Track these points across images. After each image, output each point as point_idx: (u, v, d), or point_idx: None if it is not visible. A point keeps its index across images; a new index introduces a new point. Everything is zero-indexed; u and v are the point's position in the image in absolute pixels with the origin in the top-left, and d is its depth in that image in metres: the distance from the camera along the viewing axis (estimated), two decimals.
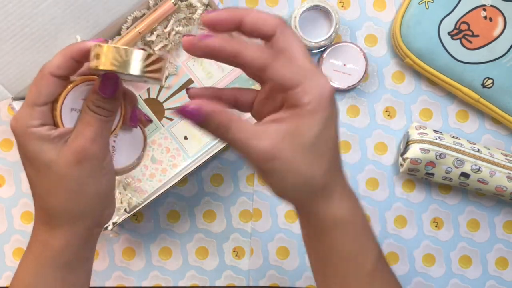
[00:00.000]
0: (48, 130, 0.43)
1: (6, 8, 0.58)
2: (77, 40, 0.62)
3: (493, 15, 0.66)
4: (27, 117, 0.43)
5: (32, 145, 0.43)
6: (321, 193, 0.42)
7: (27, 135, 0.43)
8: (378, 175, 0.71)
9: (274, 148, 0.39)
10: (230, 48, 0.40)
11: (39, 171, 0.44)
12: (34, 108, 0.43)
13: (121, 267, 0.71)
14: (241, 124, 0.40)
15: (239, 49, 0.39)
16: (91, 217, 0.45)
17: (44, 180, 0.44)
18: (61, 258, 0.45)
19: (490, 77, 0.67)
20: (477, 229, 0.72)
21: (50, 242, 0.45)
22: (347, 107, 0.71)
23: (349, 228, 0.43)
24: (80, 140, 0.42)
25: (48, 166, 0.43)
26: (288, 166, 0.40)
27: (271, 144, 0.39)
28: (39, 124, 0.43)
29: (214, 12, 0.41)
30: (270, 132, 0.40)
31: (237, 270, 0.71)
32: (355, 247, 0.44)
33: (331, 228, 0.43)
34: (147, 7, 0.65)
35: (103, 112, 0.43)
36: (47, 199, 0.44)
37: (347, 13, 0.70)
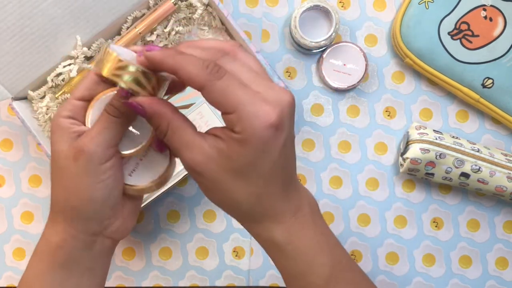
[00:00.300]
0: (72, 124, 0.44)
1: (6, 8, 0.58)
2: (77, 40, 0.62)
3: (493, 15, 0.66)
4: (62, 107, 0.44)
5: (55, 134, 0.44)
6: (249, 217, 0.43)
7: (55, 125, 0.44)
8: (378, 175, 0.71)
9: (202, 164, 0.40)
10: (171, 63, 0.39)
11: (53, 160, 0.45)
12: (70, 101, 0.44)
13: (121, 267, 0.71)
14: (179, 132, 0.40)
15: (179, 66, 0.38)
16: (88, 221, 0.45)
17: (54, 170, 0.45)
18: (57, 256, 0.45)
19: (490, 77, 0.67)
20: (477, 229, 0.72)
21: (50, 238, 0.46)
22: (347, 107, 0.71)
23: (287, 250, 0.43)
24: (83, 137, 0.43)
25: (58, 157, 0.44)
26: (214, 185, 0.41)
27: (201, 160, 0.40)
28: (67, 116, 0.44)
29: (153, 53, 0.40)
30: (204, 147, 0.40)
31: (237, 270, 0.71)
32: (300, 267, 0.44)
33: (269, 249, 0.45)
34: (147, 7, 0.65)
35: (113, 110, 0.42)
36: (54, 188, 0.45)
37: (347, 13, 0.70)
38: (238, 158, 0.39)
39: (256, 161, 0.39)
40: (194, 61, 0.38)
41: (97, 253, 0.47)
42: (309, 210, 0.44)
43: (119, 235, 0.47)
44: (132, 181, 0.47)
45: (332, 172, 0.71)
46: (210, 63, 0.38)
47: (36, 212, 0.70)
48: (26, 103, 0.64)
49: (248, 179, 0.40)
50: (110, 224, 0.46)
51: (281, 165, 0.41)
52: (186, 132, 0.41)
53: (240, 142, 0.38)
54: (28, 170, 0.70)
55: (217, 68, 0.38)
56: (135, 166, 0.47)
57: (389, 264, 0.71)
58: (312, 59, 0.71)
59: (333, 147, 0.71)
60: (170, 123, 0.41)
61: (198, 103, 0.67)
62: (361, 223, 0.71)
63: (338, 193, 0.71)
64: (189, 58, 0.39)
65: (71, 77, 0.64)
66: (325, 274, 0.44)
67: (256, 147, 0.38)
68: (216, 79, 0.38)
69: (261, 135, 0.38)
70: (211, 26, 0.68)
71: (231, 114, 0.38)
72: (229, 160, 0.39)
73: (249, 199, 0.41)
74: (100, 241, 0.46)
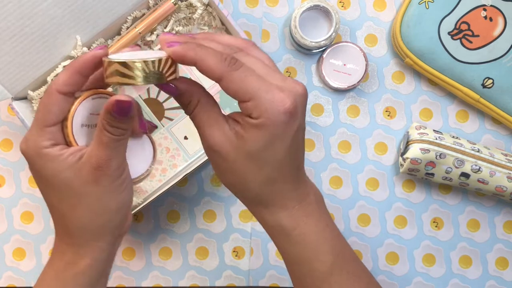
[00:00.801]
0: (60, 150, 0.43)
1: (6, 8, 0.58)
2: (77, 40, 0.62)
3: (493, 15, 0.66)
4: (37, 139, 0.43)
5: (47, 167, 0.42)
6: (258, 201, 0.45)
7: (40, 157, 0.43)
8: (378, 175, 0.71)
9: (220, 143, 0.42)
10: (191, 56, 0.40)
11: (59, 191, 0.43)
12: (44, 129, 0.43)
13: (121, 267, 0.71)
14: (206, 108, 0.42)
15: (199, 58, 0.40)
16: (114, 231, 0.46)
17: (65, 200, 0.44)
18: (86, 276, 0.45)
19: (490, 77, 0.67)
20: (477, 229, 0.72)
21: (76, 261, 0.45)
22: (347, 107, 0.71)
23: (293, 236, 0.45)
24: (97, 159, 0.42)
25: (68, 186, 0.43)
26: (228, 166, 0.43)
27: (220, 140, 0.42)
28: (51, 144, 0.43)
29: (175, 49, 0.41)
30: (225, 128, 0.42)
31: (237, 270, 0.71)
32: (305, 253, 0.45)
33: (275, 235, 0.46)
34: (147, 7, 0.65)
35: (117, 132, 0.42)
36: (69, 218, 0.44)
37: (347, 13, 0.70)
38: (254, 142, 0.41)
39: (271, 146, 0.41)
40: (213, 53, 0.40)
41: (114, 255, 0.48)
42: (314, 199, 0.46)
43: (126, 230, 0.49)
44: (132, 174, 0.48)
45: (332, 172, 0.71)
46: (227, 55, 0.41)
47: (36, 212, 0.70)
48: (26, 103, 0.64)
49: (262, 163, 0.42)
50: (126, 224, 0.48)
51: (293, 152, 0.43)
52: (213, 110, 0.43)
53: (257, 126, 0.40)
54: (28, 170, 0.70)
55: (234, 61, 0.41)
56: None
57: (389, 264, 0.71)
58: (312, 59, 0.71)
59: (333, 147, 0.71)
60: (200, 99, 0.43)
61: None
62: (361, 223, 0.71)
63: (338, 193, 0.71)
64: (209, 50, 0.41)
65: None
66: (329, 262, 0.45)
67: (272, 131, 0.40)
68: (234, 70, 0.40)
69: (276, 120, 0.40)
70: (211, 26, 0.68)
71: (248, 102, 0.40)
72: (246, 143, 0.41)
73: (260, 183, 0.43)
74: (117, 242, 0.48)
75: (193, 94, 0.43)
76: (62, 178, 0.42)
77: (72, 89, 0.43)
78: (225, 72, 0.40)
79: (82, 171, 0.42)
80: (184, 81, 0.43)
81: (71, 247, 0.45)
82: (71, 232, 0.45)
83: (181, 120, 0.66)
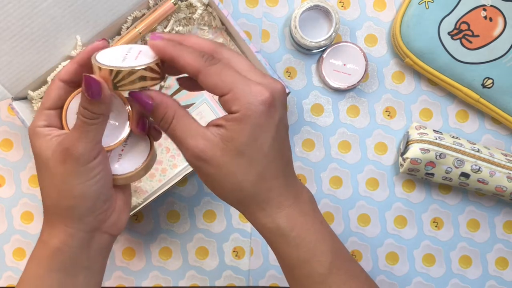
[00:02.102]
0: (49, 130, 0.45)
1: (6, 8, 0.58)
2: (77, 40, 0.62)
3: (493, 15, 0.66)
4: (36, 118, 0.46)
5: (36, 144, 0.45)
6: (253, 202, 0.44)
7: (33, 135, 0.46)
8: (378, 175, 0.71)
9: (206, 150, 0.42)
10: (169, 52, 0.42)
11: (40, 169, 0.46)
12: (42, 111, 0.46)
13: (121, 267, 0.71)
14: (183, 122, 0.43)
15: (176, 55, 0.42)
16: (83, 218, 0.45)
17: (43, 178, 0.46)
18: (56, 259, 0.46)
19: (490, 77, 0.67)
20: (477, 229, 0.72)
21: (48, 241, 0.46)
22: (347, 107, 0.71)
23: (291, 237, 0.44)
24: (67, 140, 0.44)
25: (46, 164, 0.45)
26: (217, 171, 0.42)
27: (205, 146, 0.42)
28: (44, 125, 0.46)
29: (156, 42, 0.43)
30: (207, 134, 0.42)
31: (237, 270, 0.71)
32: (303, 254, 0.45)
33: (271, 236, 0.45)
34: (147, 7, 0.65)
35: (88, 114, 0.43)
36: (44, 196, 0.46)
37: (347, 13, 0.70)
38: (239, 136, 0.41)
39: (255, 139, 0.41)
40: (191, 50, 0.42)
41: (95, 251, 0.48)
42: (308, 197, 0.46)
43: (115, 230, 0.48)
44: (120, 170, 0.48)
45: (332, 172, 0.71)
46: (205, 53, 0.42)
47: (36, 212, 0.70)
48: (26, 103, 0.64)
49: (250, 159, 0.42)
50: (106, 218, 0.47)
51: (279, 145, 0.43)
52: (190, 121, 0.43)
53: (238, 120, 0.41)
54: (28, 170, 0.70)
55: (211, 57, 0.42)
56: (119, 156, 0.49)
57: (389, 264, 0.71)
58: (312, 59, 0.71)
59: (333, 147, 0.71)
60: (176, 111, 0.43)
61: (198, 103, 0.67)
62: (361, 223, 0.71)
63: (338, 193, 0.71)
64: (187, 48, 0.42)
65: None
66: (327, 262, 0.45)
67: (253, 122, 0.41)
68: (211, 64, 0.41)
69: (256, 110, 0.41)
70: (211, 26, 0.68)
71: (227, 94, 0.41)
72: (231, 141, 0.41)
73: (252, 181, 0.43)
74: (97, 237, 0.47)
75: (169, 106, 0.43)
76: (43, 156, 0.45)
77: (71, 78, 0.46)
78: (202, 67, 0.41)
79: (55, 151, 0.44)
80: (159, 94, 0.43)
81: (47, 226, 0.47)
82: (46, 211, 0.47)
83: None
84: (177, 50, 0.42)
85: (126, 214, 0.50)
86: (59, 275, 0.46)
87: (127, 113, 0.47)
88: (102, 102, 0.43)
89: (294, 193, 0.45)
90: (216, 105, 0.67)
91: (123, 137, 0.47)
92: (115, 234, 0.49)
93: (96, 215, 0.46)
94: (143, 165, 0.48)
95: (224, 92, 0.41)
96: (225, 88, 0.41)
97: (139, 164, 0.48)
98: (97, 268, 0.49)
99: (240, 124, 0.41)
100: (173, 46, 0.42)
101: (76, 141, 0.43)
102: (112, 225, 0.48)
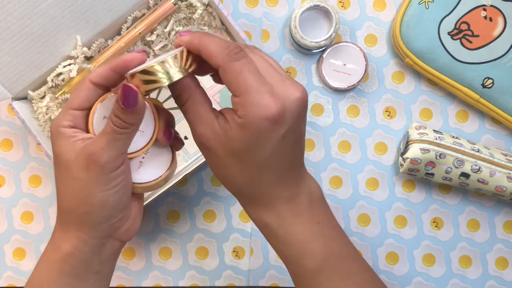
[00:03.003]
0: (74, 132, 0.44)
1: (6, 8, 0.58)
2: (77, 40, 0.62)
3: (493, 15, 0.66)
4: (60, 117, 0.45)
5: (58, 144, 0.44)
6: (246, 197, 0.45)
7: (56, 134, 0.44)
8: (378, 175, 0.71)
9: (210, 140, 0.42)
10: (196, 43, 0.41)
11: (60, 170, 0.45)
12: (68, 111, 0.45)
13: (122, 267, 0.71)
14: (195, 107, 0.43)
15: (203, 45, 0.41)
16: (97, 226, 0.45)
17: (62, 180, 0.45)
18: (67, 263, 0.45)
19: (490, 77, 0.67)
20: (477, 229, 0.72)
21: (61, 245, 0.46)
22: (347, 107, 0.71)
23: (280, 234, 0.45)
24: (93, 146, 0.43)
25: (67, 167, 0.44)
26: (218, 161, 0.43)
27: (210, 136, 0.42)
28: (68, 125, 0.44)
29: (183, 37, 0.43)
30: (215, 124, 0.42)
31: (237, 270, 0.71)
32: (293, 251, 0.45)
33: (265, 233, 0.46)
34: (147, 7, 0.65)
35: (119, 123, 0.42)
36: (62, 198, 0.45)
37: (347, 13, 0.70)
38: (237, 141, 0.41)
39: (251, 148, 0.41)
40: (217, 41, 0.41)
41: (107, 256, 0.47)
42: (306, 198, 0.46)
43: (127, 236, 0.48)
44: (140, 179, 0.47)
45: (332, 172, 0.71)
46: (232, 45, 0.41)
47: (36, 212, 0.70)
48: (26, 103, 0.64)
49: (245, 163, 0.42)
50: (121, 225, 0.46)
51: (279, 155, 0.42)
52: (203, 106, 0.43)
53: (240, 126, 0.41)
54: (28, 170, 0.70)
55: (236, 50, 0.41)
56: (139, 164, 0.48)
57: (389, 264, 0.71)
58: (312, 59, 0.71)
59: (333, 147, 0.71)
60: (191, 94, 0.43)
61: None
62: (361, 223, 0.71)
63: (338, 193, 0.71)
64: (213, 38, 0.41)
65: (71, 77, 0.64)
66: (318, 260, 0.45)
67: (252, 134, 0.40)
68: (233, 60, 0.40)
69: (258, 125, 0.40)
70: (211, 26, 0.68)
71: (237, 97, 0.40)
72: (231, 141, 0.41)
73: (244, 181, 0.43)
74: (110, 244, 0.47)
75: (184, 89, 0.43)
76: (65, 159, 0.44)
77: (102, 81, 0.45)
78: (223, 61, 0.40)
79: (79, 156, 0.43)
80: None
81: (60, 230, 0.46)
82: (60, 214, 0.46)
83: (181, 120, 0.66)
84: (202, 40, 0.41)
85: (139, 221, 0.49)
86: (70, 280, 0.46)
87: (153, 121, 0.46)
88: (136, 112, 0.42)
89: (290, 195, 0.45)
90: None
91: (146, 145, 0.46)
92: (126, 240, 0.48)
93: (111, 223, 0.45)
94: (165, 175, 0.48)
95: (236, 93, 0.40)
96: (237, 90, 0.40)
97: (160, 174, 0.48)
98: (106, 272, 0.48)
99: (241, 130, 0.41)
100: (198, 38, 0.41)
101: (103, 149, 0.42)
102: (125, 232, 0.47)
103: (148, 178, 0.47)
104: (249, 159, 0.42)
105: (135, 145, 0.46)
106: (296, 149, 0.44)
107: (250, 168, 0.42)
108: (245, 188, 0.44)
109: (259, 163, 0.42)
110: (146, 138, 0.46)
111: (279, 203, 0.44)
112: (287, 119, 0.41)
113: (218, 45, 0.40)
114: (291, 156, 0.44)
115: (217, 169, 0.44)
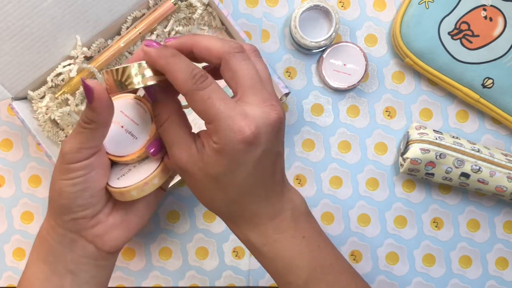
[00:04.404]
0: None
1: (6, 8, 0.58)
2: (77, 40, 0.62)
3: (493, 15, 0.66)
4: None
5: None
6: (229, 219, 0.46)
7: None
8: (378, 175, 0.71)
9: (187, 164, 0.42)
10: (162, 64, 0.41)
11: None
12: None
13: (121, 267, 0.71)
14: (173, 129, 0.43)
15: (169, 69, 0.40)
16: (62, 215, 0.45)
17: None
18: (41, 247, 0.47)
19: (490, 77, 0.67)
20: (477, 229, 0.72)
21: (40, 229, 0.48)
22: (347, 107, 0.71)
23: (264, 251, 0.45)
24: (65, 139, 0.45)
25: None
26: (197, 184, 0.43)
27: (187, 160, 0.42)
28: None
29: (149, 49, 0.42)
30: (192, 148, 0.42)
31: (237, 270, 0.71)
32: (279, 267, 0.46)
33: (250, 249, 0.47)
34: (147, 7, 0.65)
35: (83, 117, 0.43)
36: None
37: (347, 13, 0.70)
38: (214, 166, 0.41)
39: (229, 171, 0.41)
40: (183, 67, 0.40)
41: (81, 258, 0.47)
42: (290, 214, 0.45)
43: (102, 244, 0.47)
44: (116, 184, 0.46)
45: (332, 172, 0.71)
46: (198, 72, 0.40)
47: (36, 212, 0.70)
48: (26, 103, 0.64)
49: (223, 185, 0.42)
50: (88, 226, 0.46)
51: (257, 176, 0.42)
52: (182, 129, 0.43)
53: (215, 151, 0.41)
54: (28, 170, 0.70)
55: (203, 79, 0.40)
56: (127, 171, 0.47)
57: (389, 264, 0.71)
58: (312, 59, 0.71)
59: (333, 147, 0.71)
60: (171, 115, 0.43)
61: None
62: (361, 223, 0.71)
63: (338, 193, 0.71)
64: (179, 63, 0.40)
65: (71, 77, 0.64)
66: (304, 276, 0.45)
67: (229, 158, 0.40)
68: (199, 89, 0.40)
69: (232, 148, 0.40)
70: (211, 26, 0.68)
71: (210, 124, 0.40)
72: (208, 166, 0.41)
73: (225, 204, 0.44)
74: (81, 243, 0.46)
75: (164, 109, 0.43)
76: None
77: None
78: (189, 91, 0.40)
79: None
80: (162, 93, 0.44)
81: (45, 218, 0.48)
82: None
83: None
84: (168, 63, 0.40)
85: (121, 233, 0.47)
86: (44, 267, 0.46)
87: (149, 130, 0.46)
88: (93, 109, 0.42)
89: (273, 212, 0.45)
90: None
91: (135, 152, 0.46)
92: (102, 249, 0.47)
93: (72, 217, 0.45)
94: (135, 185, 0.45)
95: (206, 120, 0.40)
96: (207, 118, 0.40)
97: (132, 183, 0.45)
98: (85, 278, 0.47)
99: (217, 155, 0.41)
100: (165, 58, 0.40)
101: (68, 139, 0.44)
102: (96, 237, 0.46)
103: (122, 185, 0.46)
104: (227, 182, 0.42)
105: (124, 149, 0.46)
106: (275, 167, 0.44)
107: (229, 190, 0.42)
108: (225, 209, 0.44)
109: (237, 185, 0.42)
110: (138, 145, 0.46)
111: (261, 221, 0.44)
112: (262, 141, 0.41)
113: (184, 72, 0.40)
114: (269, 175, 0.44)
115: (197, 191, 0.44)
